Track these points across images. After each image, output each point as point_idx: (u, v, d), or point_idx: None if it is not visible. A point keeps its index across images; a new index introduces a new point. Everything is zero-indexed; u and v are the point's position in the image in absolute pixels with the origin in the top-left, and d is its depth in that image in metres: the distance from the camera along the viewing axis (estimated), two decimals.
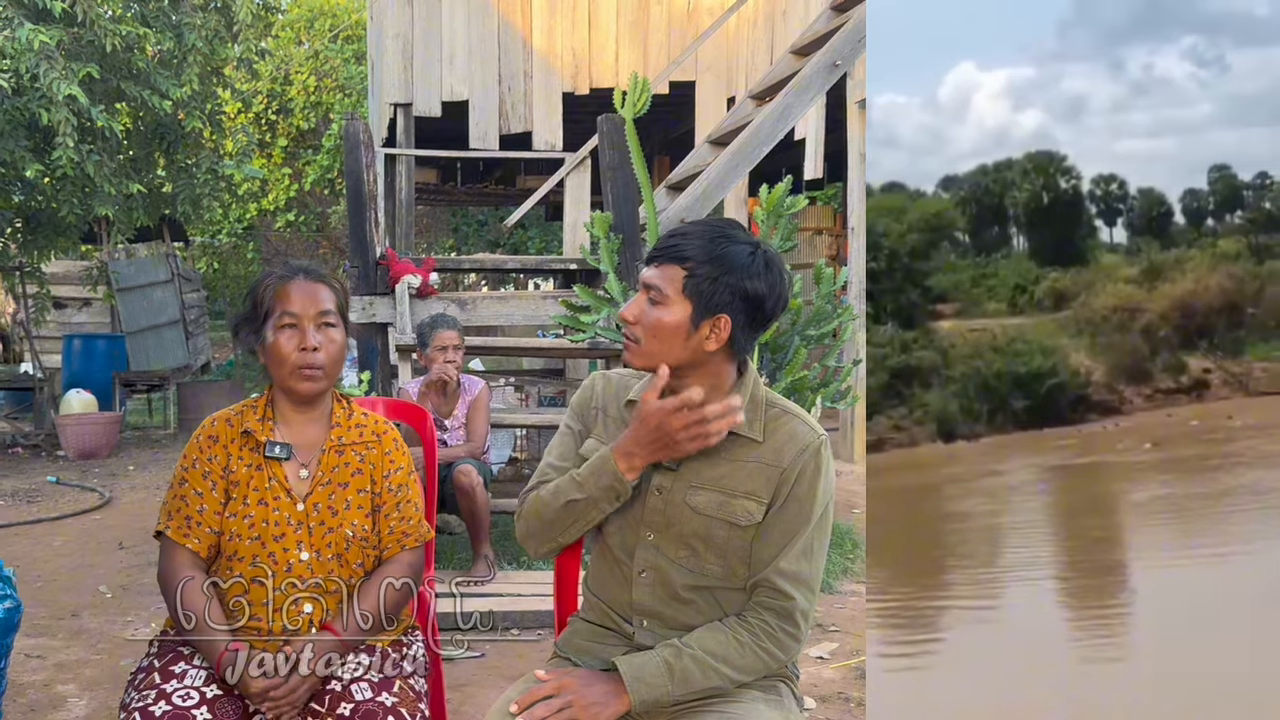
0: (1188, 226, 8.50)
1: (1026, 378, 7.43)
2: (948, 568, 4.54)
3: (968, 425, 7.16)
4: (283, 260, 2.44)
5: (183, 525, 2.10)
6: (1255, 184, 8.23)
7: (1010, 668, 3.44)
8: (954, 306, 8.41)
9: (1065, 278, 8.32)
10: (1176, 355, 7.12)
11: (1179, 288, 7.31)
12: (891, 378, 7.27)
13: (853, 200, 8.23)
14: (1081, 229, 7.86)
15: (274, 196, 17.35)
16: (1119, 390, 6.95)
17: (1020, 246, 9.28)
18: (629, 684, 1.85)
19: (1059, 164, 8.98)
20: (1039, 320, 8.01)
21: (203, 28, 7.85)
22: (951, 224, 8.83)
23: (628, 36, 10.20)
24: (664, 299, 1.90)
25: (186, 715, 1.91)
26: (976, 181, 9.22)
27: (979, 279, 8.77)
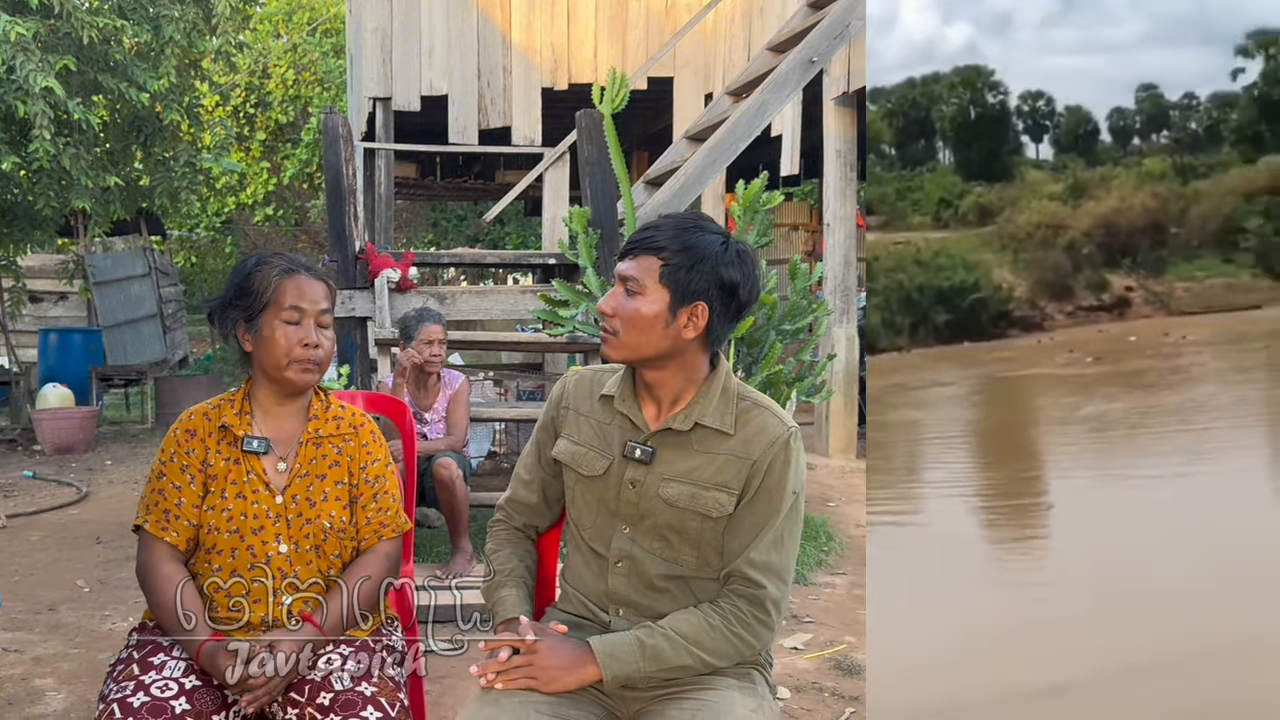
0: (1114, 145, 8.54)
1: (949, 292, 7.47)
2: (871, 481, 4.58)
3: (889, 337, 7.18)
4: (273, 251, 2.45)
5: (161, 519, 2.11)
6: (1182, 104, 8.29)
7: (929, 579, 3.49)
8: (878, 219, 8.43)
9: (990, 193, 8.35)
10: (1099, 273, 7.16)
11: (1104, 205, 7.37)
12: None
13: (829, 196, 8.27)
14: (1008, 144, 7.94)
15: (252, 190, 17.28)
16: (1041, 306, 7.00)
17: (946, 160, 9.30)
18: (601, 660, 1.88)
19: (986, 79, 9.00)
20: (963, 235, 8.03)
21: (180, 20, 7.82)
22: (878, 136, 8.83)
23: (606, 32, 10.21)
24: (641, 289, 1.93)
25: (165, 706, 1.92)
26: (903, 94, 9.22)
27: (904, 192, 8.78)
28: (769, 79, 6.53)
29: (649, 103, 10.45)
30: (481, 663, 1.90)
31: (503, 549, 2.16)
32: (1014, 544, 3.87)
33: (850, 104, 8.14)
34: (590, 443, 2.06)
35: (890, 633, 3.04)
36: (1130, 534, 3.77)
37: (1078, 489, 4.36)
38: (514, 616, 1.99)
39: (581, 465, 2.05)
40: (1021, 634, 3.01)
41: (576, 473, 2.06)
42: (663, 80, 10.07)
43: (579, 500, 2.08)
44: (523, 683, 1.87)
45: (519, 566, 2.13)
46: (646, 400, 2.03)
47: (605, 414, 2.06)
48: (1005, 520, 4.06)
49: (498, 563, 2.14)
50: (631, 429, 2.02)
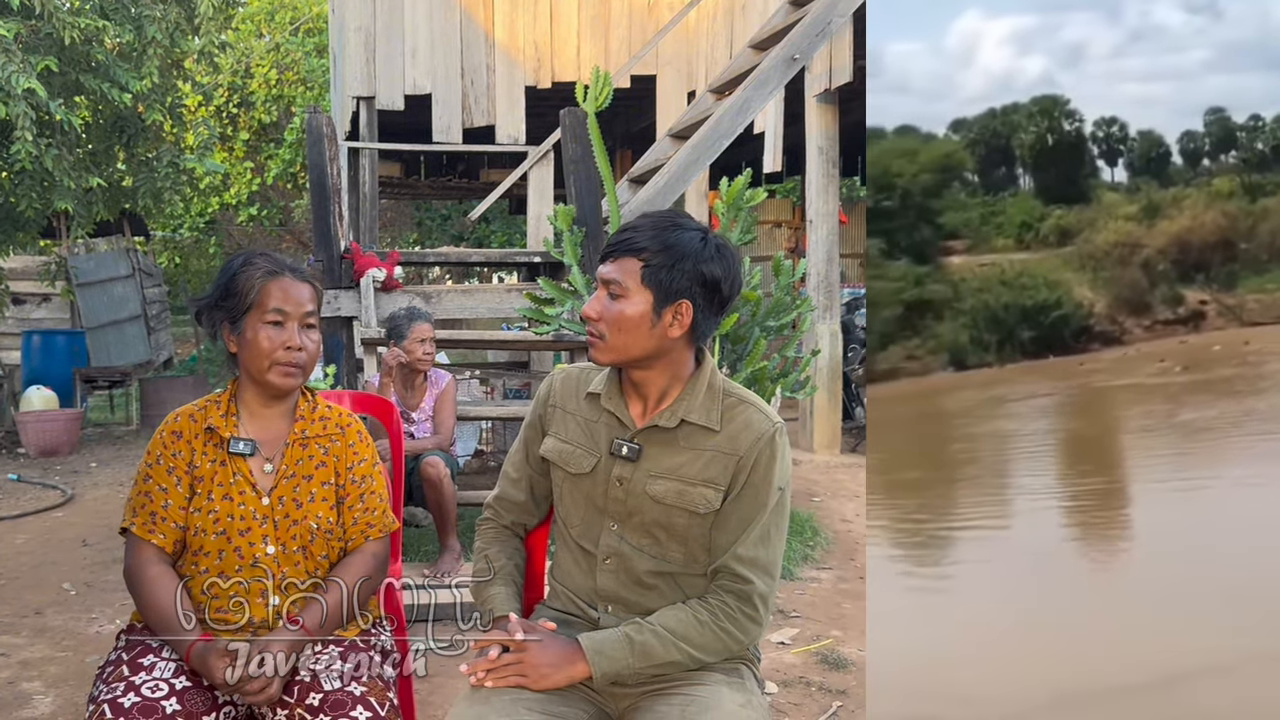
0: (1185, 166, 8.83)
1: (1033, 310, 7.72)
2: (958, 490, 4.65)
3: (977, 355, 7.39)
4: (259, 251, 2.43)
5: (148, 521, 2.11)
6: (1248, 126, 8.56)
7: (1016, 587, 3.53)
8: (964, 243, 8.70)
9: (1069, 215, 8.60)
10: (1174, 288, 7.37)
11: (1177, 224, 7.58)
12: (905, 310, 7.48)
13: (811, 193, 8.30)
14: (1084, 169, 8.17)
15: (236, 190, 17.22)
16: (1120, 321, 7.18)
17: (1026, 185, 9.63)
18: (590, 657, 1.89)
19: (1062, 107, 9.29)
20: (1044, 255, 8.31)
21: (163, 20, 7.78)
22: (961, 164, 9.15)
23: (589, 30, 10.22)
24: (624, 291, 1.94)
25: (156, 706, 1.91)
26: (984, 124, 9.53)
27: (988, 216, 9.07)
28: (751, 77, 6.55)
29: (632, 101, 10.47)
30: (471, 661, 1.91)
31: (491, 547, 2.17)
32: (1103, 549, 3.92)
33: (832, 101, 8.17)
34: (577, 440, 2.07)
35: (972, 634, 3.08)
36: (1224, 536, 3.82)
37: (1171, 494, 4.42)
38: (503, 614, 2.00)
39: (569, 463, 2.06)
40: (1106, 635, 3.05)
41: (564, 470, 2.08)
42: (646, 78, 10.08)
43: (567, 498, 2.10)
44: (512, 680, 1.88)
45: (508, 564, 2.13)
46: (633, 398, 2.04)
47: (592, 412, 2.07)
48: (1095, 526, 4.11)
49: (485, 561, 2.14)
50: (618, 426, 2.03)
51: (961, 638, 3.08)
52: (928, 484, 4.76)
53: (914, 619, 3.25)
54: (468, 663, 1.91)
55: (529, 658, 1.89)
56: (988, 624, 3.20)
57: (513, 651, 1.90)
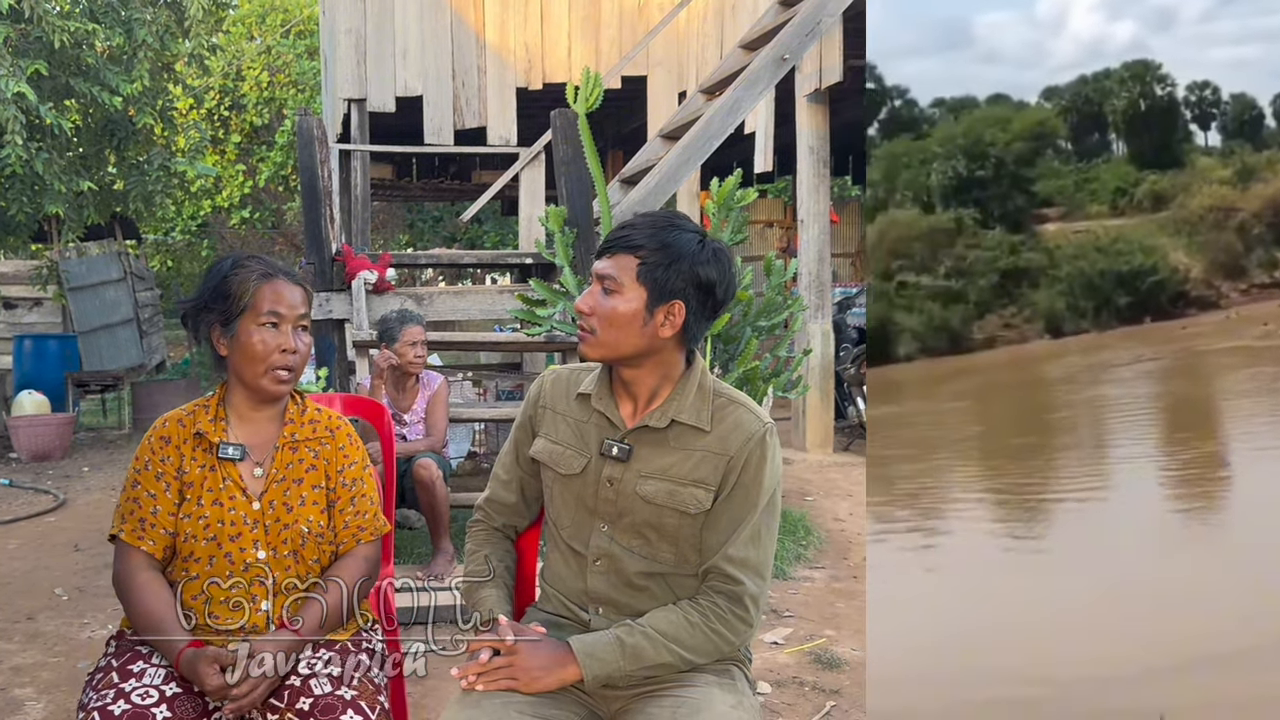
0: (1278, 128, 8.89)
1: (1128, 276, 7.81)
2: (1058, 456, 4.66)
3: (1074, 321, 7.46)
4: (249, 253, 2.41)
5: (137, 527, 2.10)
6: None
7: (1116, 549, 3.53)
8: (1058, 210, 8.77)
9: (1163, 180, 8.68)
10: (1270, 251, 7.44)
11: (1271, 188, 7.67)
12: (1001, 278, 7.53)
13: (803, 193, 8.31)
14: (1177, 133, 8.27)
15: (228, 193, 17.19)
16: (1216, 286, 7.25)
17: (1120, 151, 9.71)
18: (581, 660, 1.89)
19: (1154, 72, 9.36)
20: (1139, 221, 8.40)
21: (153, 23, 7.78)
22: (1054, 132, 9.26)
23: (580, 31, 10.22)
24: (619, 287, 1.94)
25: (146, 714, 1.91)
26: (1077, 91, 9.60)
27: (1081, 183, 9.14)
28: (741, 77, 6.55)
29: (623, 101, 10.47)
30: (462, 665, 1.91)
31: (482, 549, 2.17)
32: (1202, 516, 3.91)
33: (822, 100, 8.18)
34: (568, 441, 2.07)
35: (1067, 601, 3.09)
36: None
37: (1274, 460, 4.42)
38: (494, 617, 2.00)
39: (559, 464, 2.06)
40: (1204, 601, 3.06)
41: (554, 471, 2.07)
42: (636, 79, 10.08)
43: (557, 499, 2.09)
44: (503, 684, 1.88)
45: (498, 567, 2.13)
46: (623, 398, 2.04)
47: (582, 412, 2.07)
48: (1195, 493, 4.11)
49: (476, 563, 2.14)
50: (609, 427, 2.03)
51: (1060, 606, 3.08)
52: (1029, 451, 4.75)
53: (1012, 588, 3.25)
54: (458, 666, 1.91)
55: (520, 661, 1.89)
56: (1085, 592, 3.20)
57: (503, 655, 1.89)
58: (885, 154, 7.77)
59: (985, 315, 7.39)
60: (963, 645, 2.93)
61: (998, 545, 3.86)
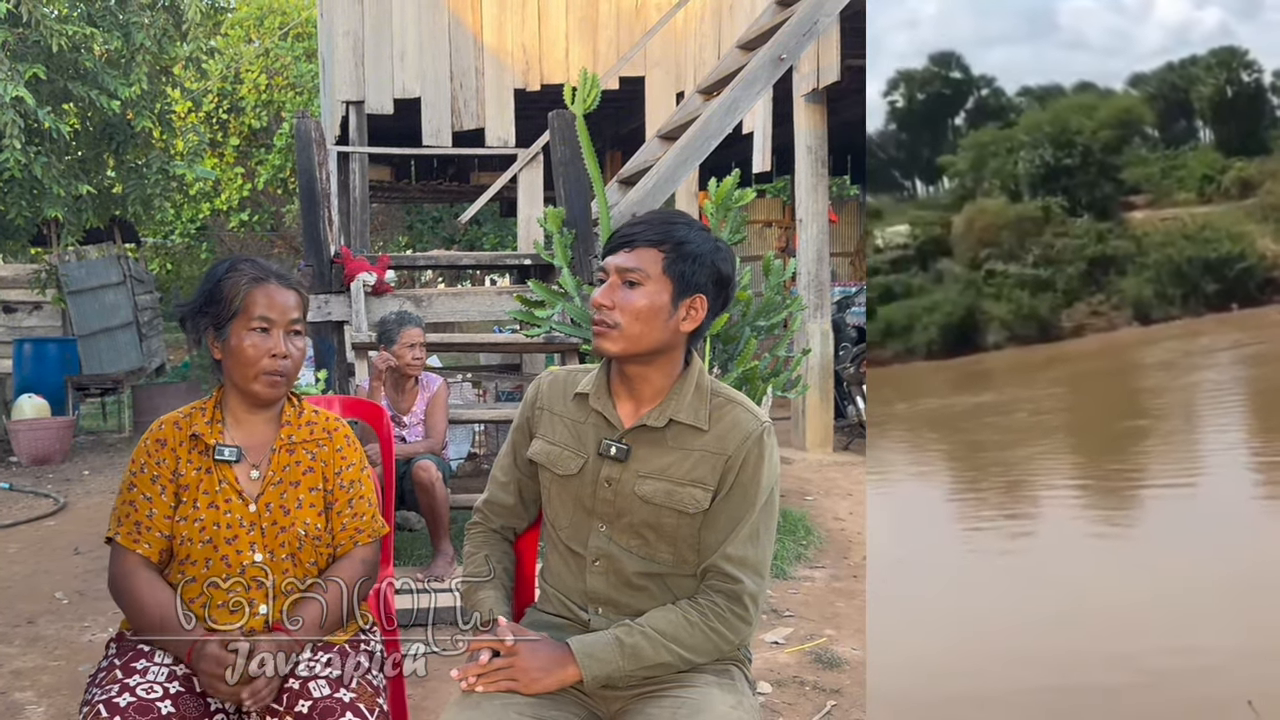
0: None
1: (1216, 263, 7.87)
2: (1147, 445, 4.66)
3: (1162, 309, 7.53)
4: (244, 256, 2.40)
5: (133, 530, 2.10)
6: None
7: (1205, 539, 3.53)
8: (1146, 197, 8.85)
9: (1250, 167, 8.74)
10: None
11: None
12: (1089, 266, 7.60)
13: (801, 192, 8.32)
14: (1264, 120, 8.35)
15: (227, 196, 17.19)
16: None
17: (1206, 139, 9.79)
18: (580, 660, 1.88)
19: (1241, 58, 9.43)
20: (1226, 208, 8.46)
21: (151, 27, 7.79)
22: (1141, 119, 9.33)
23: (577, 32, 10.22)
24: (645, 279, 1.94)
25: (151, 706, 1.91)
26: (1163, 78, 9.69)
27: (1169, 170, 9.22)
28: (739, 77, 6.55)
29: (621, 102, 10.47)
30: (461, 666, 1.91)
31: (480, 551, 2.17)
32: None
33: (820, 100, 8.18)
34: (565, 442, 2.07)
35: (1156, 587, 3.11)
36: None
37: None
38: (494, 618, 2.01)
39: (557, 465, 2.06)
40: None
41: (552, 472, 2.07)
42: (634, 80, 10.08)
43: (555, 500, 2.09)
44: (503, 685, 1.88)
45: (497, 568, 2.13)
46: (622, 398, 2.04)
47: (580, 413, 2.07)
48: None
49: (475, 564, 2.14)
50: (606, 427, 2.03)
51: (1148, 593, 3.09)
52: (1120, 439, 4.75)
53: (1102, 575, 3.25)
54: (458, 668, 1.91)
55: (519, 662, 1.89)
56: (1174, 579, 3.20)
57: (503, 656, 1.90)
58: (972, 143, 7.81)
59: (1074, 303, 7.42)
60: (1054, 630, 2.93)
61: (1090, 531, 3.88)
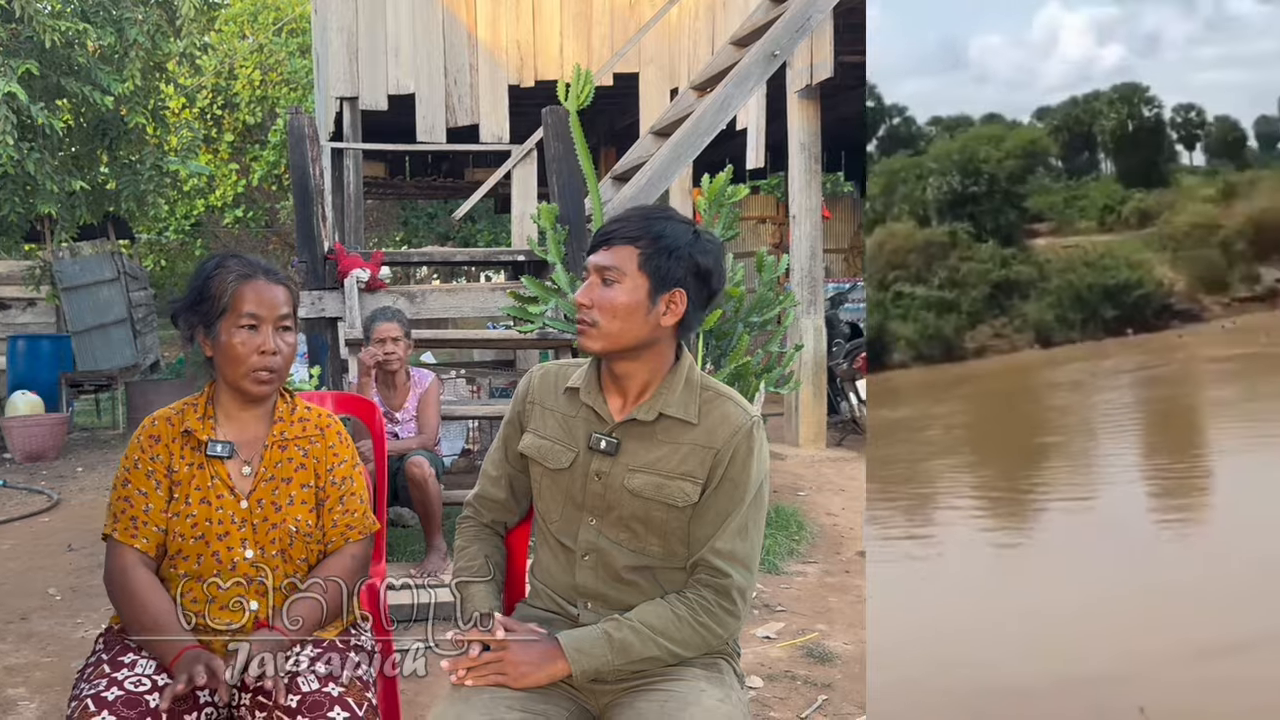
0: (1260, 150, 9.19)
1: (1115, 289, 8.08)
2: (1046, 463, 4.73)
3: (1063, 332, 7.67)
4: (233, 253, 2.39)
5: (129, 526, 2.10)
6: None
7: (1101, 554, 3.59)
8: (1049, 225, 9.05)
9: (1149, 198, 8.94)
10: (1251, 267, 7.61)
11: (1253, 205, 7.86)
12: (993, 290, 7.72)
13: (794, 189, 8.33)
14: (1163, 153, 8.57)
15: (221, 192, 17.16)
16: (1199, 299, 7.42)
17: (1108, 170, 10.06)
18: (569, 655, 1.89)
19: (1141, 94, 9.64)
20: (1126, 237, 8.69)
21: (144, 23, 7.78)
22: (1045, 150, 9.62)
23: (572, 29, 10.22)
24: (621, 277, 1.95)
25: (140, 700, 1.91)
26: (1067, 111, 9.91)
27: (1071, 200, 9.45)
28: (732, 73, 6.56)
29: (615, 99, 10.46)
30: (452, 658, 1.92)
31: (471, 545, 2.18)
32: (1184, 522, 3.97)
33: (813, 96, 8.19)
34: (555, 436, 2.07)
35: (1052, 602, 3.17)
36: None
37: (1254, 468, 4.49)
38: (486, 611, 2.01)
39: (547, 459, 2.07)
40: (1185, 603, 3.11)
41: (542, 466, 2.08)
42: (628, 76, 10.08)
43: (545, 494, 2.10)
44: (493, 679, 1.89)
45: (487, 563, 2.14)
46: (612, 392, 2.05)
47: (570, 407, 2.08)
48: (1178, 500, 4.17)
49: (466, 558, 2.15)
50: (596, 421, 2.04)
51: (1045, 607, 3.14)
52: (1025, 455, 4.82)
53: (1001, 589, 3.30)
54: (449, 660, 1.92)
55: (509, 656, 1.90)
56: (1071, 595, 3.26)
57: (493, 650, 1.90)
58: (884, 169, 7.98)
59: (977, 325, 7.56)
60: (950, 643, 2.98)
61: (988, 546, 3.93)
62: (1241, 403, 5.51)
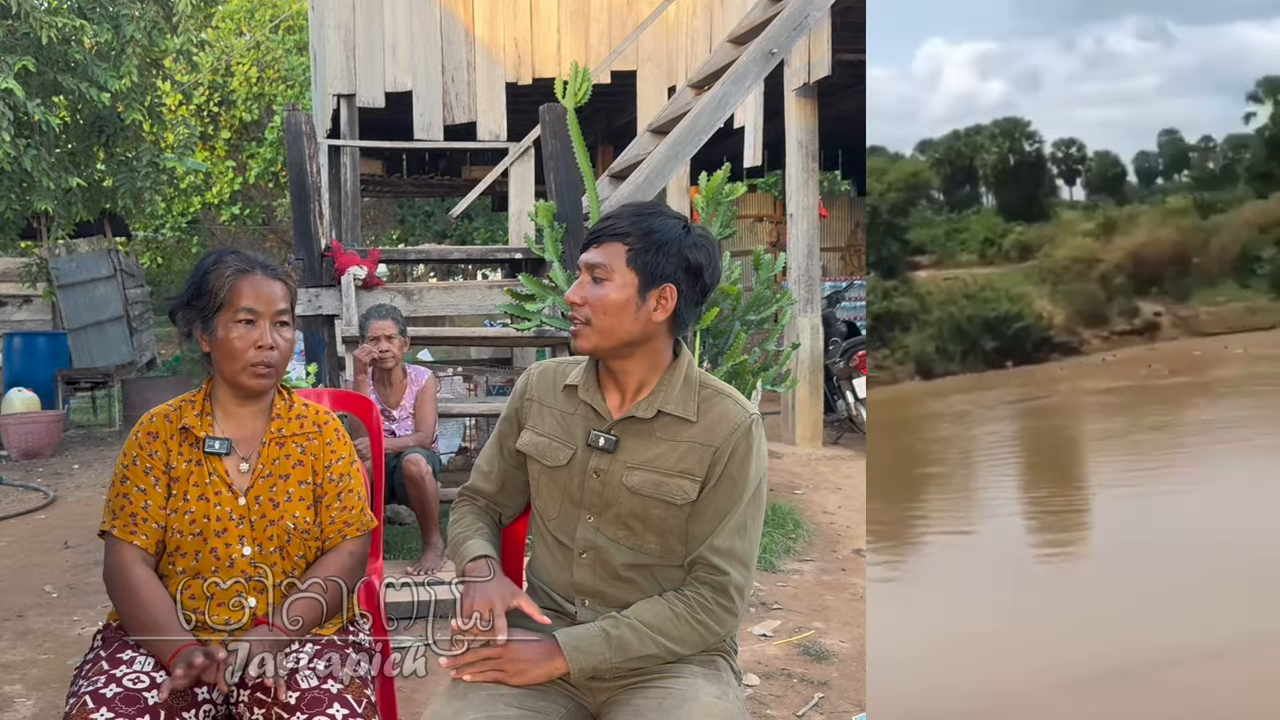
0: (1140, 185, 9.23)
1: (995, 321, 8.17)
2: (928, 493, 4.74)
3: (943, 364, 7.69)
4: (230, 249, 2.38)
5: (128, 522, 2.10)
6: (1200, 146, 8.96)
7: (980, 585, 3.61)
8: (930, 258, 9.06)
9: (1030, 231, 8.99)
10: (1131, 300, 7.62)
11: (1132, 240, 7.88)
12: (875, 321, 7.76)
13: (792, 187, 8.33)
14: (1044, 188, 8.64)
15: (218, 190, 17.14)
16: (1079, 332, 7.42)
17: (989, 203, 10.13)
18: (567, 652, 1.89)
19: (1023, 129, 9.69)
20: (1006, 270, 8.74)
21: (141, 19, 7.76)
22: (927, 183, 9.73)
23: (569, 26, 10.21)
24: (610, 274, 1.95)
25: (138, 697, 1.91)
26: (949, 145, 9.94)
27: (952, 233, 9.50)
28: (730, 71, 6.56)
29: (612, 96, 10.47)
30: (450, 657, 1.92)
31: (465, 516, 2.18)
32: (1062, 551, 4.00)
33: (811, 95, 8.19)
34: (553, 433, 2.07)
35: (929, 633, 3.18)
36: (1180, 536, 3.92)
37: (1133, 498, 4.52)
38: (483, 555, 2.02)
39: (545, 456, 2.07)
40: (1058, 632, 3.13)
41: (540, 464, 2.08)
42: (626, 74, 10.08)
43: (544, 491, 2.10)
44: (491, 676, 1.89)
45: (483, 527, 2.14)
46: (610, 389, 2.04)
47: (569, 404, 2.08)
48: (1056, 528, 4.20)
49: (461, 526, 2.14)
50: (595, 418, 2.04)
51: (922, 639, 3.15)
52: (897, 489, 4.83)
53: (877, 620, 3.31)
54: (447, 656, 1.92)
55: (508, 654, 1.90)
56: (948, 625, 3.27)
57: (492, 645, 1.90)
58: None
59: None
60: None
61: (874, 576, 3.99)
62: (1123, 435, 5.54)
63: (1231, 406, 5.83)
